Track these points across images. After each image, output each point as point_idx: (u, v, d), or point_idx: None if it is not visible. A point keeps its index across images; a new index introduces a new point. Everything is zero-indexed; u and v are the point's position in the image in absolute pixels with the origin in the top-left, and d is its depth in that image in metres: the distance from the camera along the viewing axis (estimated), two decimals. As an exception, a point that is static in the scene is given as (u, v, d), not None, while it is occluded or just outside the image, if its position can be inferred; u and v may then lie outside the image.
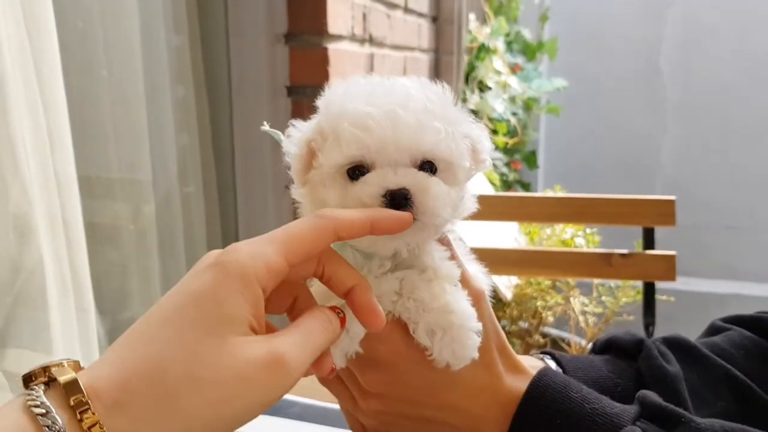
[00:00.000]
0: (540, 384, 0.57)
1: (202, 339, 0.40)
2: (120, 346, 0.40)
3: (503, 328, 2.04)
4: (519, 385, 0.58)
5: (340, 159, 0.54)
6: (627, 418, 0.54)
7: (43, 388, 0.39)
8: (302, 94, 1.63)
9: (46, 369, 0.40)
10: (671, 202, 1.62)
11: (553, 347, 2.33)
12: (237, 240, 1.60)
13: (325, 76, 1.60)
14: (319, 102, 0.59)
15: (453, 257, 0.57)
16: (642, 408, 0.56)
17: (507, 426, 0.57)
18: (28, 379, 0.40)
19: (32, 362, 1.10)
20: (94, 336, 1.23)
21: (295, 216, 1.54)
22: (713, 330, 0.77)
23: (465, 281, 0.57)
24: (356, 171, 0.54)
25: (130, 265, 1.46)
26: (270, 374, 0.41)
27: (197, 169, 1.63)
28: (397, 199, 0.51)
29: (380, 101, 0.54)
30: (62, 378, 0.38)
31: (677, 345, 0.69)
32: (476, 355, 0.53)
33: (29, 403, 0.37)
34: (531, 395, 0.57)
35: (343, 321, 0.48)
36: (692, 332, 0.80)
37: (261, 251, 0.43)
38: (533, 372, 0.59)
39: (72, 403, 0.37)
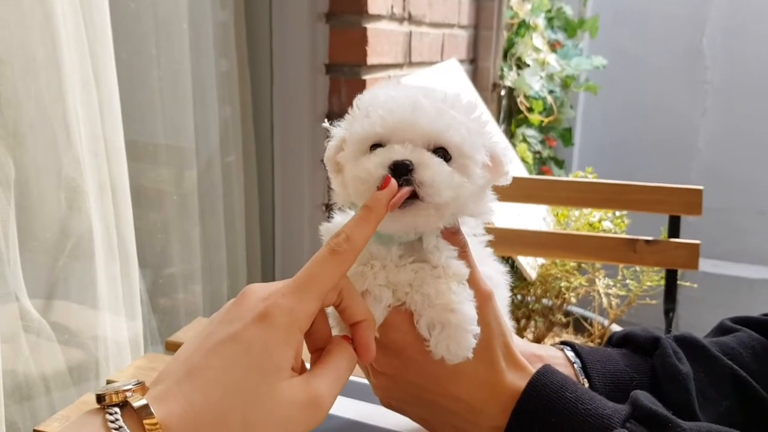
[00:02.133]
0: (538, 383, 0.60)
1: (255, 387, 0.46)
2: (186, 385, 0.46)
3: (527, 305, 2.07)
4: (519, 382, 0.61)
5: (361, 132, 0.59)
6: (617, 419, 0.57)
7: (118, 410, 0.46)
8: (340, 72, 1.67)
9: (119, 392, 0.46)
10: (699, 191, 1.62)
11: (576, 326, 2.36)
12: (273, 209, 1.67)
13: (363, 55, 1.64)
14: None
15: (464, 257, 0.60)
16: (633, 409, 0.59)
17: (505, 421, 0.60)
18: (100, 398, 0.46)
19: (78, 316, 1.19)
20: (137, 294, 1.31)
21: (328, 192, 1.58)
22: (722, 330, 0.78)
23: (474, 282, 0.60)
24: (375, 149, 0.58)
25: (171, 225, 1.54)
26: (309, 413, 0.48)
27: (238, 140, 1.69)
28: (399, 169, 0.55)
29: (407, 92, 0.59)
30: (136, 403, 0.45)
31: (687, 344, 0.71)
32: (470, 355, 0.56)
33: (110, 425, 0.44)
34: (528, 393, 0.60)
35: (355, 349, 0.55)
36: (717, 315, 0.82)
37: (301, 304, 0.49)
38: (534, 370, 0.62)
39: (146, 426, 0.44)
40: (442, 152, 0.57)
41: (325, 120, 0.66)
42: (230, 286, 1.73)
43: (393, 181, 0.55)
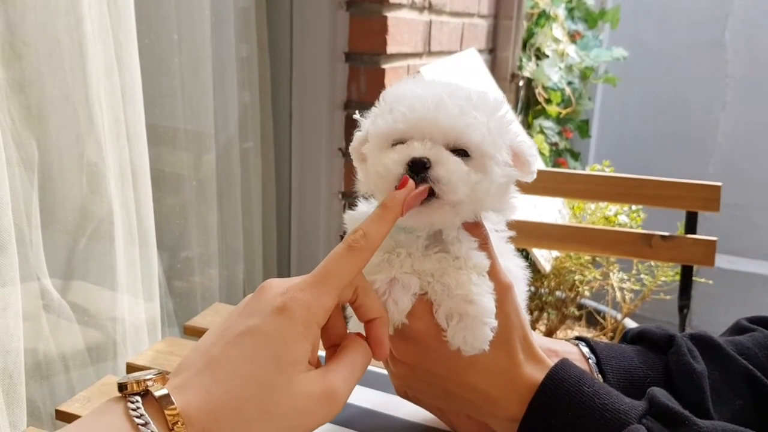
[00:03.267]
0: (556, 377, 0.60)
1: (272, 378, 0.48)
2: (206, 376, 0.48)
3: (540, 297, 2.06)
4: (537, 375, 0.61)
5: (384, 128, 0.60)
6: (634, 415, 0.57)
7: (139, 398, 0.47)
8: (359, 60, 1.67)
9: (140, 382, 0.47)
10: (717, 188, 1.61)
11: (589, 319, 2.36)
12: (290, 195, 1.68)
13: (382, 44, 1.64)
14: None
15: (485, 248, 0.61)
16: (650, 406, 0.59)
17: (522, 412, 0.60)
18: (122, 387, 0.47)
19: (97, 297, 1.21)
20: (155, 277, 1.32)
21: (345, 179, 1.59)
22: (738, 329, 0.78)
23: (494, 273, 0.60)
24: (397, 145, 0.59)
25: (189, 209, 1.56)
26: (324, 406, 0.49)
27: (256, 126, 1.70)
28: (416, 166, 0.56)
29: (432, 89, 0.60)
30: (157, 392, 0.46)
31: (702, 342, 0.71)
32: (486, 347, 0.57)
33: (132, 413, 0.45)
34: (546, 386, 0.60)
35: (369, 345, 0.56)
36: (731, 312, 0.81)
37: (319, 299, 0.51)
38: (552, 364, 0.62)
39: (167, 416, 0.45)
40: (462, 151, 0.58)
41: (349, 110, 0.67)
42: (246, 270, 1.74)
43: (411, 182, 0.56)
